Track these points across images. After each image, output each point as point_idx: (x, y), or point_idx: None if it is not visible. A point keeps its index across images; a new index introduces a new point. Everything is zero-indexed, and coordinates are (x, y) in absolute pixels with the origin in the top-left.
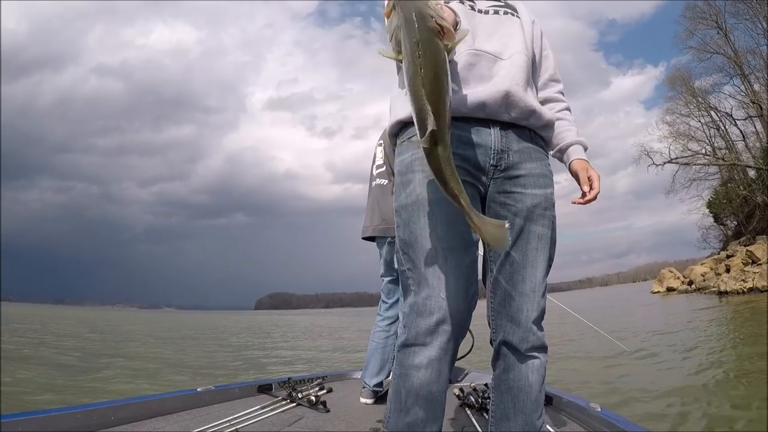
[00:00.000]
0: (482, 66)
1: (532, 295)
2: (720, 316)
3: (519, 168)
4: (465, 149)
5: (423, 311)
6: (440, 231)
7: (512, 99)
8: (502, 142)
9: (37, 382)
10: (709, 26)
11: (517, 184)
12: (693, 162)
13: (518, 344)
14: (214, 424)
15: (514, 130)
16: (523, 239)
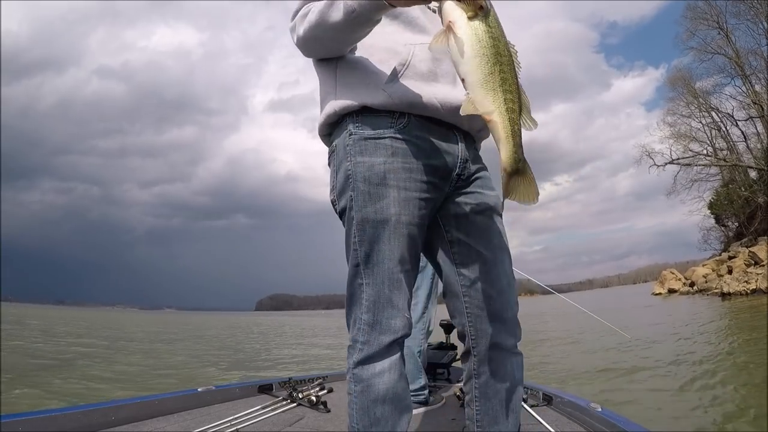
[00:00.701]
0: (447, 63)
1: (509, 290)
2: (736, 321)
3: (477, 174)
4: (438, 158)
5: (387, 330)
6: (405, 254)
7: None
8: (466, 153)
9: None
10: (710, 27)
11: (475, 186)
12: (694, 163)
13: (506, 343)
14: (215, 424)
15: (469, 139)
16: (489, 236)
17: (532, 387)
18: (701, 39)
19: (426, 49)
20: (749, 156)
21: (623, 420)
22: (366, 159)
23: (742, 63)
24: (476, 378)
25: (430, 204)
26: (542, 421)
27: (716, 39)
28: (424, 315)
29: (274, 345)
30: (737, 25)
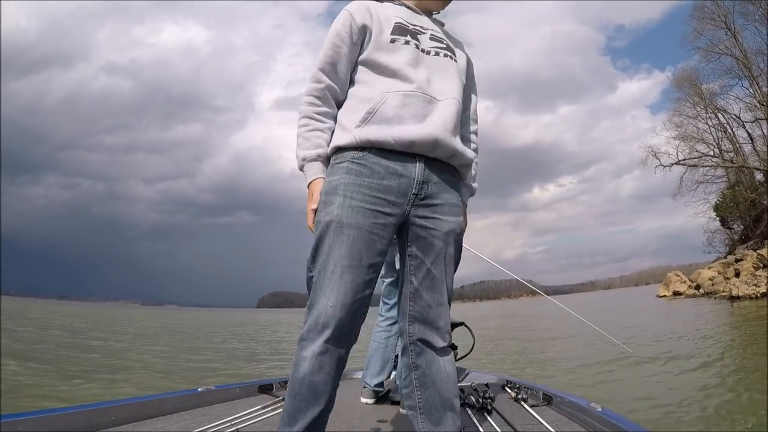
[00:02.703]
0: (418, 105)
1: (446, 306)
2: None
3: (437, 197)
4: (391, 179)
5: (316, 313)
6: (344, 251)
7: (440, 143)
8: (424, 175)
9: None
10: (718, 27)
11: (435, 211)
12: (701, 164)
13: (437, 344)
14: (215, 424)
15: (437, 164)
16: (441, 258)
17: (532, 387)
18: (708, 39)
19: (399, 96)
20: (755, 158)
21: (623, 420)
22: (329, 178)
23: (750, 64)
24: (414, 370)
25: (382, 216)
26: (542, 421)
27: (723, 40)
28: None
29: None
30: (745, 26)
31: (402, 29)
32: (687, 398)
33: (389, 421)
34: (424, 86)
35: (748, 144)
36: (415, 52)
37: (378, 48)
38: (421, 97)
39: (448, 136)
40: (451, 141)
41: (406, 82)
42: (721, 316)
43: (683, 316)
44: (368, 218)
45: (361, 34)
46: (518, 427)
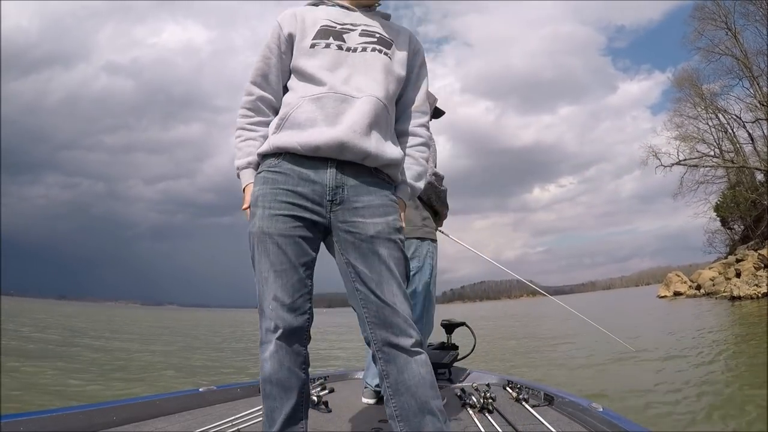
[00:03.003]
0: (330, 107)
1: (401, 302)
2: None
3: (356, 201)
4: (304, 186)
5: (265, 318)
6: (272, 257)
7: (347, 145)
8: (337, 179)
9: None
10: (719, 27)
11: (357, 215)
12: (701, 164)
13: (404, 344)
14: (216, 424)
15: (352, 167)
16: (374, 260)
17: (533, 387)
18: (709, 40)
19: (312, 99)
20: (756, 158)
21: (624, 420)
22: (253, 189)
23: (750, 64)
24: (386, 378)
25: (302, 220)
26: (543, 421)
27: (724, 40)
28: (424, 316)
29: None
30: (746, 26)
31: (326, 32)
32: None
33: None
34: (339, 86)
35: (748, 144)
36: (336, 53)
37: (300, 54)
38: (334, 97)
39: (357, 137)
40: (360, 143)
41: (320, 85)
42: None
43: (685, 317)
44: (287, 224)
45: (288, 43)
46: (519, 427)
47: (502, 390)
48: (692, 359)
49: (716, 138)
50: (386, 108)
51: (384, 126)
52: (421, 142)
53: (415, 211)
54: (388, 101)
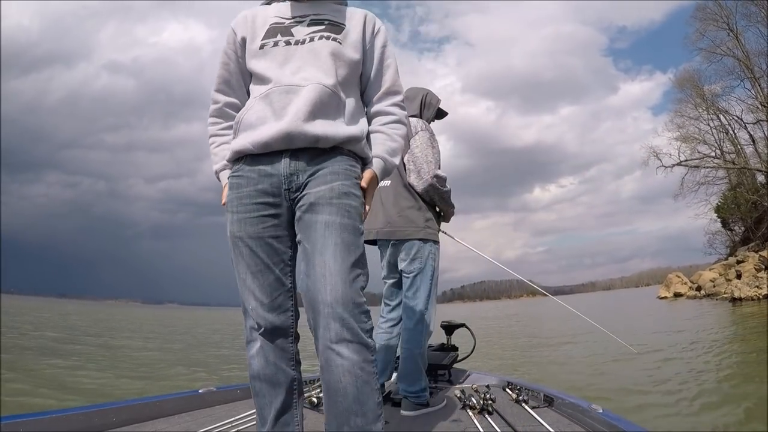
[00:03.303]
0: (277, 101)
1: (322, 280)
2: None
3: (309, 185)
4: (264, 182)
5: (248, 317)
6: (247, 259)
7: (293, 134)
8: (291, 167)
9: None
10: (720, 28)
11: (307, 188)
12: (702, 165)
13: (323, 335)
14: (216, 426)
15: (307, 152)
16: (309, 230)
17: (533, 388)
18: (710, 40)
19: (261, 98)
20: (757, 160)
21: (624, 421)
22: (228, 191)
23: (752, 65)
24: (321, 374)
25: (269, 219)
26: (543, 422)
27: (726, 41)
28: (424, 316)
29: None
30: (747, 27)
31: (275, 29)
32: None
33: (390, 422)
34: (285, 79)
35: (749, 146)
36: (285, 50)
37: (251, 57)
38: (279, 90)
39: (301, 124)
40: (305, 128)
41: (268, 83)
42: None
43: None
44: (256, 226)
45: (242, 48)
46: (519, 428)
47: (501, 391)
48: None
49: (717, 139)
50: (335, 93)
51: (334, 109)
52: (394, 120)
53: (418, 212)
54: (339, 86)
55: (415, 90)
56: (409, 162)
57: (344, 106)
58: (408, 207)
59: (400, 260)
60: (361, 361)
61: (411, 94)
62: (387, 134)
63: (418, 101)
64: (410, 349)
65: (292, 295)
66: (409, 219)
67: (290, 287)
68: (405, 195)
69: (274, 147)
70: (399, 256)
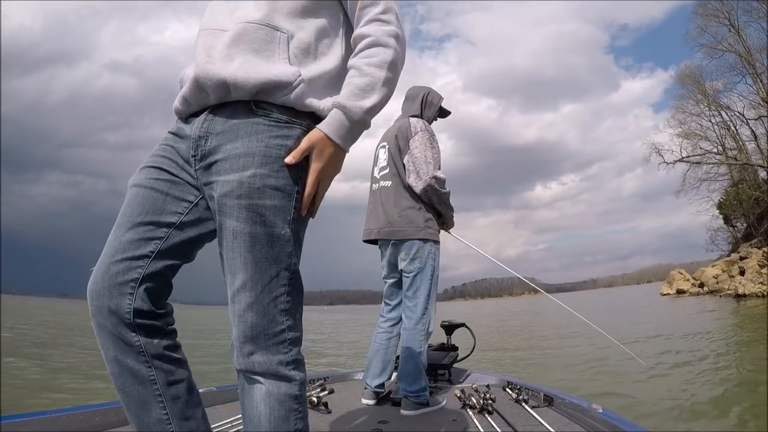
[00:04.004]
0: (203, 45)
1: (232, 307)
2: None
3: (217, 152)
4: (180, 144)
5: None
6: (127, 209)
7: (200, 80)
8: (202, 128)
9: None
10: (721, 24)
11: (213, 173)
12: (704, 161)
13: (240, 362)
14: (216, 425)
15: (227, 109)
16: (220, 235)
17: (533, 388)
18: (712, 36)
19: (203, 46)
20: (759, 156)
21: (624, 421)
22: None
23: (753, 61)
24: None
25: (167, 173)
26: (543, 422)
27: (727, 37)
28: (424, 316)
29: None
30: (749, 23)
31: None
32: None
33: (390, 422)
34: (214, 23)
35: (751, 142)
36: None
37: None
38: (206, 33)
39: (210, 67)
40: (214, 72)
41: (200, 28)
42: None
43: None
44: (150, 175)
45: None
46: (519, 428)
47: (501, 391)
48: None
49: (719, 135)
50: (265, 27)
51: (261, 44)
52: (368, 43)
53: (418, 212)
54: (276, 18)
55: (416, 89)
56: (409, 163)
57: (289, 39)
58: (408, 207)
59: (400, 260)
60: (281, 396)
61: (412, 94)
62: (355, 68)
63: (419, 100)
64: (410, 348)
65: (151, 274)
66: (409, 219)
67: (148, 256)
68: (405, 195)
69: (195, 103)
70: (399, 255)
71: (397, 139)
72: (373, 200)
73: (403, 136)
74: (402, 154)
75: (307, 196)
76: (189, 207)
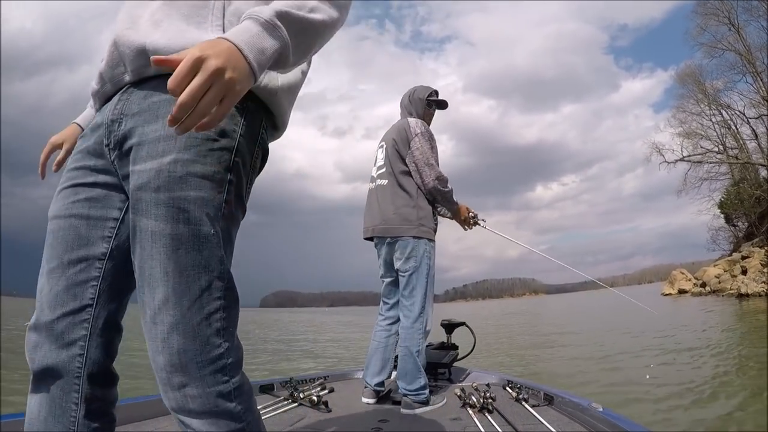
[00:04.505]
0: (129, 17)
1: (153, 329)
2: None
3: (132, 135)
4: (90, 137)
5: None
6: (45, 251)
7: (120, 51)
8: (116, 110)
9: None
10: (721, 22)
11: (129, 162)
12: (706, 160)
13: (165, 402)
14: None
15: (146, 85)
16: (134, 240)
17: (533, 387)
18: (712, 35)
19: (127, 14)
20: (759, 155)
21: (624, 420)
22: None
23: (754, 60)
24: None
25: (82, 189)
26: (543, 420)
27: (727, 35)
28: (422, 314)
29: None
30: (749, 21)
31: None
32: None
33: (390, 421)
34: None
35: (752, 141)
36: None
37: None
38: (132, 3)
39: (129, 33)
40: (132, 38)
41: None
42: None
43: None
44: (66, 199)
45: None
46: (519, 426)
47: (502, 390)
48: None
49: (720, 134)
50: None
51: (192, 9)
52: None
53: (412, 209)
54: None
55: (411, 90)
56: (411, 164)
57: (225, 6)
58: (403, 205)
59: (396, 259)
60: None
61: (408, 95)
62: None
63: (416, 99)
64: (408, 347)
65: (95, 320)
66: (404, 217)
67: (89, 303)
68: (401, 194)
69: (106, 80)
70: (394, 255)
71: (395, 139)
72: (370, 198)
73: (402, 137)
74: (400, 154)
75: (181, 100)
76: (116, 225)
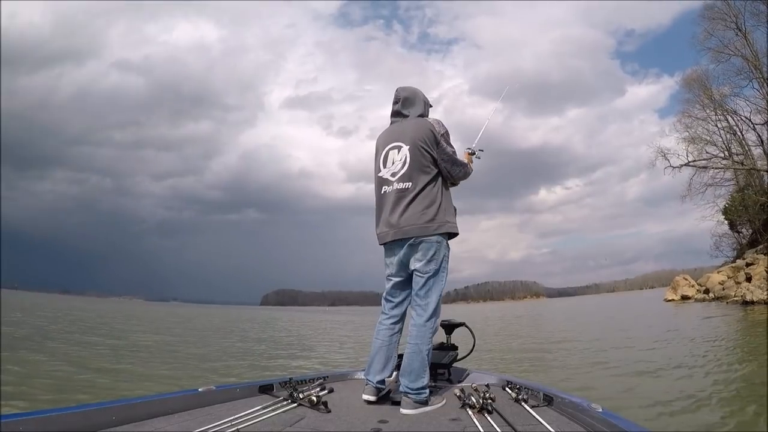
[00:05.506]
0: None
1: None
2: None
3: None
4: None
5: None
6: None
7: None
8: None
9: None
10: (728, 27)
11: None
12: (711, 165)
13: None
14: (216, 424)
15: None
16: None
17: (532, 387)
18: (719, 40)
19: None
20: (765, 161)
21: (624, 421)
22: None
23: (761, 65)
24: None
25: None
26: (542, 421)
27: (734, 40)
28: (434, 315)
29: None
30: (756, 26)
31: None
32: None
33: (389, 421)
34: None
35: (758, 147)
36: None
37: None
38: None
39: None
40: None
41: None
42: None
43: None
44: None
45: None
46: (519, 427)
47: (501, 390)
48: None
49: (725, 140)
50: None
51: None
52: None
53: (438, 210)
54: None
55: (409, 89)
56: (442, 163)
57: None
58: (429, 205)
59: (415, 260)
60: None
61: (409, 94)
62: None
63: (421, 101)
64: (418, 344)
65: None
66: (430, 218)
67: None
68: (427, 195)
69: None
70: (414, 256)
71: (422, 140)
72: (386, 202)
73: (428, 136)
74: (428, 155)
75: None
76: None
